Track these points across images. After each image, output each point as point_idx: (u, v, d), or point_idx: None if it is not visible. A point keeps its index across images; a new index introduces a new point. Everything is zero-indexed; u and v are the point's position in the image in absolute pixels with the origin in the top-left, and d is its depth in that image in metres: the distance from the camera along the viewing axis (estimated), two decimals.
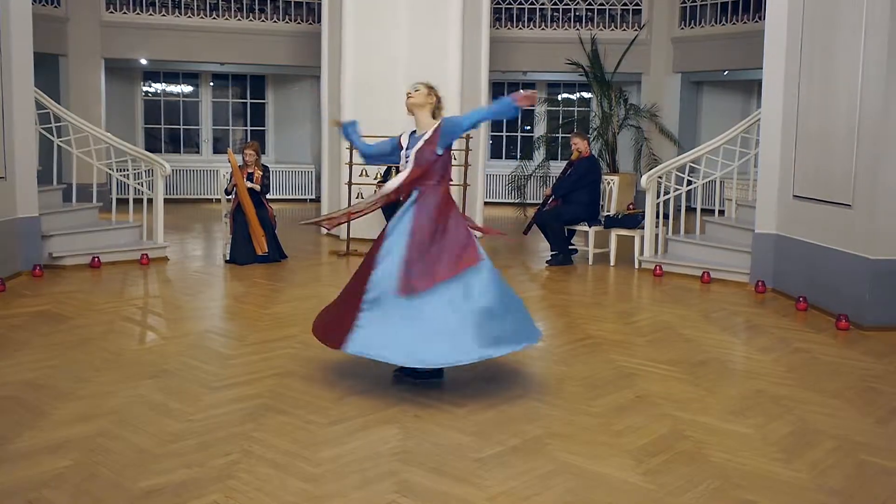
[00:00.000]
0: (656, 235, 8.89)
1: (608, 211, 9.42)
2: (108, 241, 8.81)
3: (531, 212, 13.74)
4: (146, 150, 16.07)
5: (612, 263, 9.02)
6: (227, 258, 8.84)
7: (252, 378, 4.71)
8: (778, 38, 7.58)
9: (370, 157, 4.95)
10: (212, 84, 16.63)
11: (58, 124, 8.87)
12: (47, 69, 13.74)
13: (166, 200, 9.29)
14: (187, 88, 16.64)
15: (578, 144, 9.16)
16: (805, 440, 3.91)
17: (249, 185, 8.80)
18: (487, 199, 13.91)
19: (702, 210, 8.99)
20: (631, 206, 10.64)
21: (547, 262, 9.12)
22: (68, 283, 7.45)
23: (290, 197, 16.11)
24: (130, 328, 5.89)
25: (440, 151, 4.53)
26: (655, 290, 7.80)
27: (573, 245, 9.45)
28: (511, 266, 9.00)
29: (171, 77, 16.50)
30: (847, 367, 5.21)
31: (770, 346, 5.73)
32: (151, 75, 16.38)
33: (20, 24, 7.65)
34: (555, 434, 3.92)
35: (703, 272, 8.13)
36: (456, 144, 9.65)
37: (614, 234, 9.08)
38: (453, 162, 9.55)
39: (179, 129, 16.67)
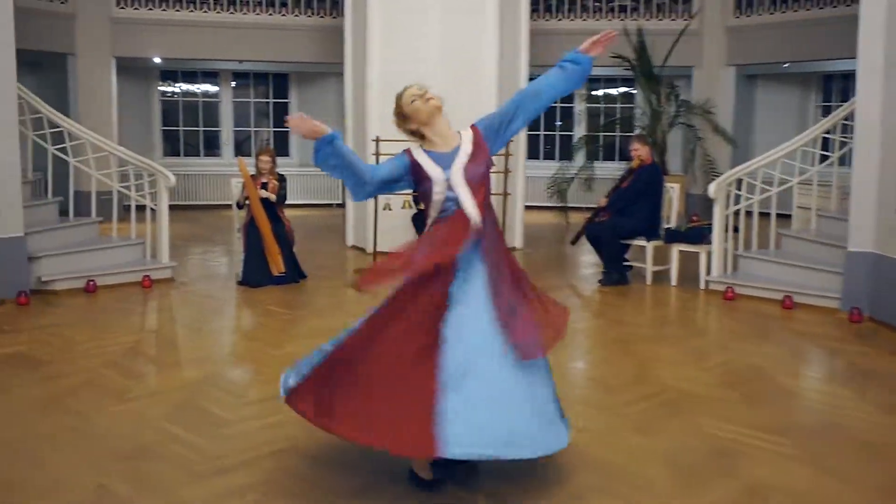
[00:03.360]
0: (725, 251, 7.78)
1: (668, 223, 8.31)
2: (108, 261, 7.86)
3: (574, 218, 12.68)
4: (164, 154, 15.41)
5: (673, 283, 7.92)
6: (240, 279, 7.87)
7: (248, 458, 3.70)
8: (876, 21, 6.43)
9: (379, 186, 3.44)
10: (233, 84, 15.73)
11: (53, 130, 7.98)
12: (55, 69, 12.94)
13: (183, 208, 8.34)
14: (208, 88, 15.75)
15: (640, 150, 8.03)
16: None
17: (264, 193, 7.83)
18: (526, 204, 12.85)
19: (770, 220, 7.80)
20: (695, 218, 9.49)
21: (599, 281, 8.04)
22: (55, 314, 6.52)
23: (316, 202, 15.16)
24: (112, 379, 4.90)
25: (493, 154, 3.46)
26: (731, 319, 6.70)
27: (627, 261, 8.37)
28: (557, 286, 7.95)
29: (190, 76, 15.62)
30: None
31: None
32: (169, 75, 15.51)
33: None
34: None
35: (784, 296, 7.00)
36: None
37: (676, 249, 7.98)
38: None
39: (199, 131, 15.79)
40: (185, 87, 15.64)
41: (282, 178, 8.09)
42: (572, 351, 5.64)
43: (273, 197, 7.88)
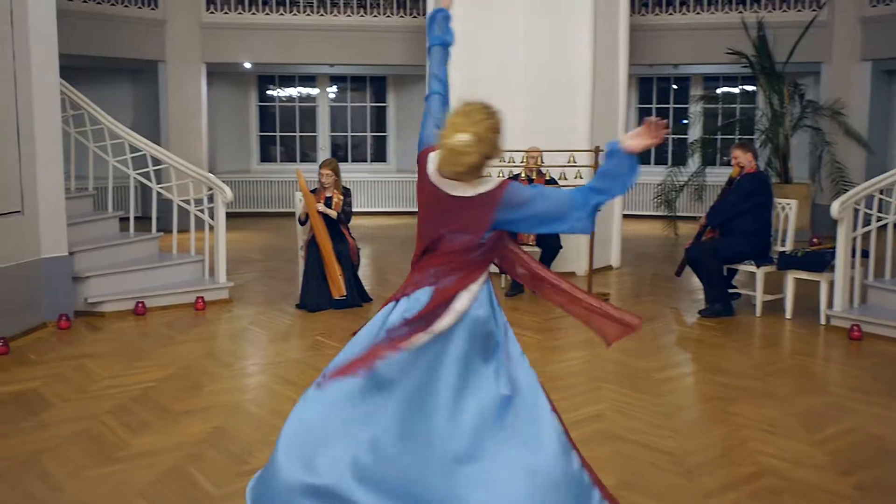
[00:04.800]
0: (851, 280, 6.62)
1: (783, 245, 7.19)
2: (163, 280, 7.43)
3: (684, 230, 11.56)
4: (261, 160, 15.17)
5: (788, 316, 6.82)
6: (298, 302, 7.28)
7: None
8: None
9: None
10: (332, 87, 15.33)
11: (115, 141, 7.62)
12: (146, 76, 12.87)
13: (277, 215, 7.82)
14: (306, 92, 15.40)
15: (740, 158, 6.99)
16: None
17: (321, 207, 7.22)
18: (627, 212, 11.86)
19: None
20: (815, 241, 8.30)
21: (700, 311, 7.02)
22: (91, 342, 6.08)
23: (410, 210, 14.57)
24: (111, 430, 4.32)
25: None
26: (854, 367, 5.58)
27: (735, 287, 7.30)
28: (656, 316, 6.98)
29: (288, 81, 15.31)
30: None
31: None
32: (267, 79, 15.24)
33: (41, 23, 6.34)
34: None
35: None
36: (586, 159, 7.68)
37: (791, 277, 6.86)
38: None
39: (296, 136, 15.45)
40: (282, 91, 15.34)
41: (346, 192, 7.47)
42: (650, 410, 4.68)
43: (334, 214, 7.26)
